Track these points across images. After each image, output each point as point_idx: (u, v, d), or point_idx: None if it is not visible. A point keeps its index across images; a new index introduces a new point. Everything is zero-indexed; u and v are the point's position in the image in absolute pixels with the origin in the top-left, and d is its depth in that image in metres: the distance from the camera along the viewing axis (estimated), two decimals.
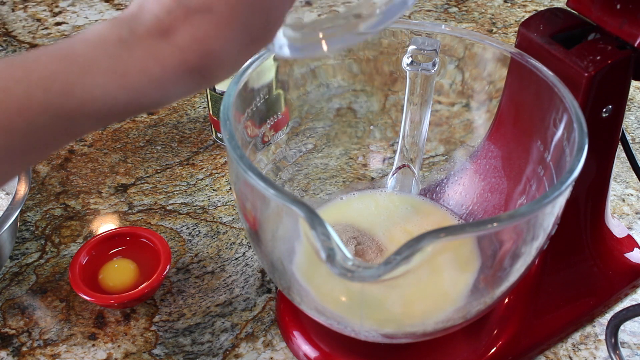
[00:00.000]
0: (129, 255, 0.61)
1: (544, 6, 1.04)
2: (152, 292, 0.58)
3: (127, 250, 0.61)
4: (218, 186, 0.71)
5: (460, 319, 0.48)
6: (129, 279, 0.58)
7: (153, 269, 0.58)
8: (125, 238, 0.61)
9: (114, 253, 0.61)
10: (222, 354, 0.55)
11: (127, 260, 0.60)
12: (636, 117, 0.81)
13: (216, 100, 0.72)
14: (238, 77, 0.47)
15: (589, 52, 0.47)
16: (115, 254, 0.61)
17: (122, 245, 0.61)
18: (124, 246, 0.61)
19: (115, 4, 1.02)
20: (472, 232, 0.41)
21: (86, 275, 0.58)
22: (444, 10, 1.01)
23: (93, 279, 0.58)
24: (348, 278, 0.36)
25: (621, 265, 0.60)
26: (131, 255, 0.61)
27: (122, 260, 0.60)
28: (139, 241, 0.61)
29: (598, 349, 0.56)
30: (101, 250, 0.60)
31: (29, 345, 0.56)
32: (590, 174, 0.52)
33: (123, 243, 0.61)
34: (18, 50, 0.92)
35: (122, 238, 0.61)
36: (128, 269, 0.59)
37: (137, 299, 0.56)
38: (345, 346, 0.53)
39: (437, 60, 0.53)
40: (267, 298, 0.60)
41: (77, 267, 0.58)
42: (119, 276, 0.58)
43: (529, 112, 0.53)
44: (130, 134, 0.77)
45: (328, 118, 0.61)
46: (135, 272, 0.59)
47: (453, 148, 0.61)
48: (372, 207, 0.60)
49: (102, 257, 0.60)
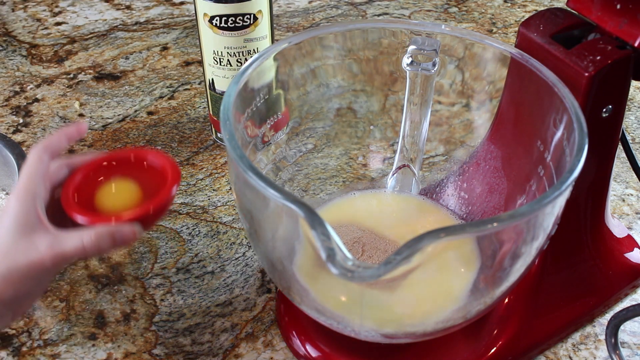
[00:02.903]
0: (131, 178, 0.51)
1: (544, 6, 1.04)
2: (157, 215, 0.49)
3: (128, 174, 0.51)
4: (218, 186, 0.71)
5: (460, 319, 0.48)
6: (131, 200, 0.49)
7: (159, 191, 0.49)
8: (127, 162, 0.51)
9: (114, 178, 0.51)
10: (222, 354, 0.55)
11: (128, 181, 0.51)
12: (636, 117, 0.81)
13: (216, 100, 0.72)
14: (238, 77, 0.47)
15: (589, 52, 0.47)
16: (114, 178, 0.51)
17: (123, 170, 0.51)
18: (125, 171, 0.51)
19: (115, 4, 1.02)
20: (472, 232, 0.41)
21: (81, 199, 0.49)
22: (444, 10, 1.01)
23: (88, 204, 0.49)
24: (348, 278, 0.36)
25: (621, 265, 0.60)
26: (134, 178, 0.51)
27: (123, 181, 0.51)
28: (142, 165, 0.51)
29: (598, 349, 0.56)
30: (98, 176, 0.51)
31: (29, 345, 0.56)
32: (590, 174, 0.52)
33: (124, 168, 0.51)
34: (18, 50, 0.92)
35: (122, 163, 0.51)
36: (129, 189, 0.50)
37: (141, 219, 0.47)
38: (345, 346, 0.53)
39: (437, 60, 0.53)
40: (267, 298, 0.60)
41: (71, 188, 0.49)
42: (120, 197, 0.50)
43: (529, 112, 0.53)
44: (130, 134, 0.77)
45: (328, 118, 0.61)
46: (138, 193, 0.50)
47: (453, 148, 0.61)
48: (373, 207, 0.60)
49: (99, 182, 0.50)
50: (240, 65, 0.68)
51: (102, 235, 0.44)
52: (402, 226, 0.58)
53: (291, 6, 1.02)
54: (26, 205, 0.44)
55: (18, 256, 0.43)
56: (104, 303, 0.59)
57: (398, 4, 1.02)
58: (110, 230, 0.45)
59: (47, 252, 0.43)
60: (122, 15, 0.99)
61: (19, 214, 0.44)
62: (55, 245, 0.44)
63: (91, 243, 0.44)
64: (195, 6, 0.66)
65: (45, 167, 0.46)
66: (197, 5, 0.65)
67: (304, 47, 0.54)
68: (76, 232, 0.45)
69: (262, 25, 0.66)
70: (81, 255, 0.44)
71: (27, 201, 0.44)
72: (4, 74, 0.87)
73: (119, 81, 0.86)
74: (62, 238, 0.44)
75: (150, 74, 0.87)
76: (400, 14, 1.00)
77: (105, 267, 0.62)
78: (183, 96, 0.83)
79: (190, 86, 0.85)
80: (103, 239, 0.44)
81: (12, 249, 0.43)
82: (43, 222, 0.45)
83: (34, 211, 0.44)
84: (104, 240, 0.44)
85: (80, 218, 0.47)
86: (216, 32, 0.66)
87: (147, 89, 0.84)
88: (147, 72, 0.87)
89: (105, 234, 0.44)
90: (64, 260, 0.44)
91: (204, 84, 0.73)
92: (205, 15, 0.65)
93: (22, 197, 0.44)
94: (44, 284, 0.46)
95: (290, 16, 0.99)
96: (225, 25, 0.65)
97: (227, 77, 0.69)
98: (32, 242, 0.43)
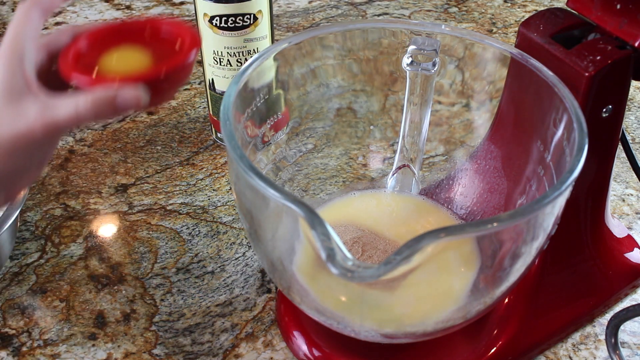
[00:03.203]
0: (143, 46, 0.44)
1: (544, 6, 1.04)
2: (170, 81, 0.42)
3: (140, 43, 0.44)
4: (218, 186, 0.71)
5: (460, 319, 0.48)
6: (141, 67, 0.42)
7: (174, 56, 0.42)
8: (139, 30, 0.44)
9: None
10: (222, 354, 0.55)
11: (139, 49, 0.43)
12: (636, 117, 0.81)
13: (216, 100, 0.72)
14: (238, 77, 0.47)
15: (589, 52, 0.47)
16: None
17: (135, 39, 0.44)
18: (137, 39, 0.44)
19: (115, 4, 1.02)
20: (472, 232, 0.41)
21: (82, 63, 0.42)
22: (444, 10, 1.01)
23: (90, 69, 0.42)
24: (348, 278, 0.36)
25: (621, 265, 0.60)
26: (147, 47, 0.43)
27: (133, 48, 0.43)
28: (157, 33, 0.44)
29: (598, 349, 0.56)
30: (105, 42, 0.43)
31: (29, 345, 0.56)
32: (590, 174, 0.52)
33: (135, 36, 0.44)
34: None
35: (134, 31, 0.44)
36: (140, 56, 0.43)
37: (149, 82, 0.40)
38: (345, 346, 0.53)
39: (437, 60, 0.53)
40: (267, 298, 0.60)
41: (72, 51, 0.42)
42: (127, 63, 0.42)
43: (529, 112, 0.53)
44: (130, 134, 0.77)
45: (328, 118, 0.61)
46: (150, 61, 0.42)
47: (453, 148, 0.61)
48: (373, 207, 0.60)
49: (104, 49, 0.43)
50: (240, 65, 0.68)
51: (99, 99, 0.38)
52: (402, 226, 0.58)
53: (291, 6, 1.02)
54: (11, 68, 0.39)
55: (3, 126, 0.38)
56: (104, 303, 0.59)
57: (398, 4, 1.02)
58: (110, 94, 0.39)
59: (37, 120, 0.38)
60: (122, 15, 0.99)
61: (3, 78, 0.39)
62: (46, 112, 0.38)
63: (87, 108, 0.38)
64: (195, 6, 0.66)
65: (35, 25, 0.40)
66: (197, 5, 0.65)
67: (304, 47, 0.54)
68: (70, 97, 0.39)
69: (262, 25, 0.66)
70: (75, 122, 0.39)
71: (13, 63, 0.39)
72: None
73: None
74: (53, 104, 0.39)
75: None
76: (400, 14, 1.00)
77: (105, 267, 0.62)
78: (183, 96, 0.83)
79: (190, 86, 0.85)
80: (101, 104, 0.38)
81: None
82: (31, 87, 0.39)
83: (21, 74, 0.39)
84: (102, 105, 0.38)
85: (78, 79, 0.40)
86: (216, 32, 0.66)
87: None
88: None
89: (104, 98, 0.38)
90: (57, 129, 0.39)
91: (204, 84, 0.73)
92: (205, 15, 0.65)
93: (7, 58, 0.39)
94: (38, 159, 0.41)
95: (290, 16, 0.99)
96: (225, 25, 0.65)
97: (227, 77, 0.69)
98: (19, 109, 0.38)
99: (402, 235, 0.55)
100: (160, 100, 0.43)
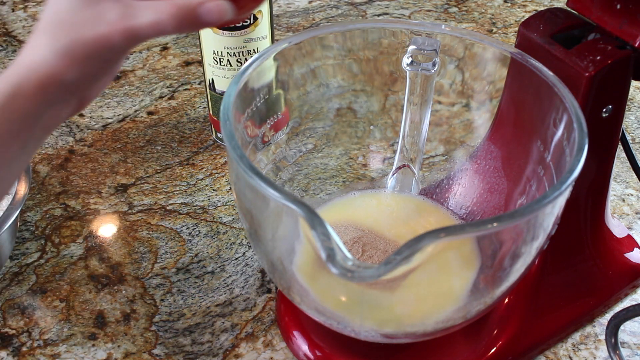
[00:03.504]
0: None
1: (544, 6, 1.04)
2: None
3: None
4: (218, 186, 0.71)
5: (460, 319, 0.48)
6: None
7: None
8: None
9: None
10: (222, 354, 0.55)
11: None
12: (636, 117, 0.81)
13: (216, 100, 0.72)
14: (238, 77, 0.47)
15: (589, 52, 0.47)
16: None
17: None
18: None
19: None
20: (472, 232, 0.41)
21: None
22: (444, 10, 1.01)
23: None
24: (348, 278, 0.36)
25: (621, 265, 0.60)
26: None
27: None
28: None
29: (598, 349, 0.56)
30: None
31: (29, 345, 0.56)
32: (590, 174, 0.52)
33: None
34: (18, 50, 0.92)
35: None
36: None
37: None
38: (345, 346, 0.53)
39: (437, 60, 0.53)
40: (267, 298, 0.60)
41: None
42: None
43: (529, 112, 0.53)
44: (130, 134, 0.77)
45: (328, 118, 0.61)
46: None
47: (453, 148, 0.61)
48: (373, 207, 0.60)
49: None
50: (240, 65, 0.68)
51: (184, 10, 0.36)
52: (402, 226, 0.58)
53: (291, 6, 1.02)
54: None
55: (83, 28, 0.36)
56: (104, 303, 0.59)
57: (398, 4, 1.02)
58: (193, 3, 0.36)
59: (118, 24, 0.36)
60: None
61: None
62: (128, 17, 0.36)
63: (171, 18, 0.36)
64: None
65: None
66: None
67: (304, 47, 0.54)
68: (153, 3, 0.37)
69: (262, 25, 0.66)
70: (156, 32, 0.37)
71: None
72: None
73: (118, 81, 0.86)
74: (135, 9, 0.36)
75: (150, 74, 0.87)
76: (400, 14, 1.00)
77: (105, 267, 0.62)
78: (183, 96, 0.83)
79: (190, 86, 0.85)
80: (184, 14, 0.36)
81: (75, 18, 0.36)
82: None
83: None
84: (185, 16, 0.36)
85: None
86: (216, 32, 0.66)
87: (147, 88, 0.84)
88: (147, 72, 0.87)
89: (187, 8, 0.36)
90: (136, 37, 0.37)
91: (204, 84, 0.73)
92: None
93: None
94: (112, 67, 0.40)
95: (290, 16, 0.99)
96: (225, 25, 0.65)
97: (227, 77, 0.69)
98: (100, 11, 0.36)
99: (402, 235, 0.55)
100: (242, 12, 0.41)
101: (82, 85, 0.38)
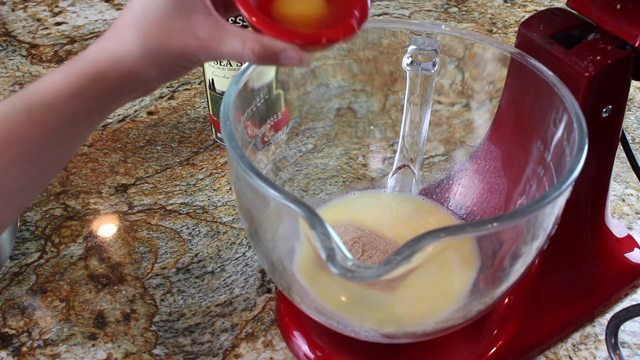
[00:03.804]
0: None
1: (544, 6, 1.04)
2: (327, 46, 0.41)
3: None
4: (218, 186, 0.71)
5: (460, 319, 0.48)
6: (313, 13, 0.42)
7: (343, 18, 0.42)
8: None
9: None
10: (222, 354, 0.55)
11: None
12: (636, 117, 0.81)
13: (216, 100, 0.72)
14: (238, 77, 0.47)
15: (589, 52, 0.47)
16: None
17: None
18: None
19: (115, 4, 1.02)
20: (472, 232, 0.41)
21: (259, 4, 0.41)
22: (444, 10, 1.01)
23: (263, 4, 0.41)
24: (348, 278, 0.36)
25: (621, 265, 0.60)
26: None
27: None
28: None
29: (598, 349, 0.56)
30: None
31: (29, 345, 0.56)
32: (590, 174, 0.52)
33: None
34: (18, 50, 0.92)
35: None
36: (315, 2, 0.42)
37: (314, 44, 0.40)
38: (345, 346, 0.53)
39: (437, 60, 0.53)
40: (267, 298, 0.60)
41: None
42: (302, 7, 0.42)
43: (529, 112, 0.53)
44: (130, 134, 0.77)
45: (328, 118, 0.61)
46: (322, 9, 0.42)
47: (453, 148, 0.61)
48: (373, 207, 0.60)
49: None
50: (240, 65, 0.68)
51: (268, 51, 0.38)
52: (402, 226, 0.58)
53: None
54: None
55: (172, 37, 0.38)
56: (104, 303, 0.59)
57: (398, 4, 1.02)
58: (277, 48, 0.38)
59: (205, 42, 0.38)
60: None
61: None
62: (216, 40, 0.38)
63: (254, 55, 0.38)
64: None
65: None
66: None
67: None
68: (240, 32, 0.38)
69: None
70: (236, 60, 0.39)
71: None
72: (4, 74, 0.87)
73: None
74: (224, 33, 0.38)
75: None
76: (400, 14, 1.00)
77: (105, 267, 0.62)
78: (183, 96, 0.83)
79: (190, 86, 0.85)
80: (268, 56, 0.38)
81: (165, 24, 0.37)
82: (205, 3, 0.38)
83: None
84: (267, 56, 0.38)
85: (248, 14, 0.39)
86: None
87: None
88: None
89: (272, 50, 0.38)
90: (217, 58, 0.39)
91: (204, 84, 0.73)
92: None
93: None
94: (186, 71, 0.42)
95: None
96: None
97: (227, 77, 0.69)
98: (190, 24, 0.38)
99: (402, 235, 0.55)
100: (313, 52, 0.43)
101: (156, 82, 0.42)
